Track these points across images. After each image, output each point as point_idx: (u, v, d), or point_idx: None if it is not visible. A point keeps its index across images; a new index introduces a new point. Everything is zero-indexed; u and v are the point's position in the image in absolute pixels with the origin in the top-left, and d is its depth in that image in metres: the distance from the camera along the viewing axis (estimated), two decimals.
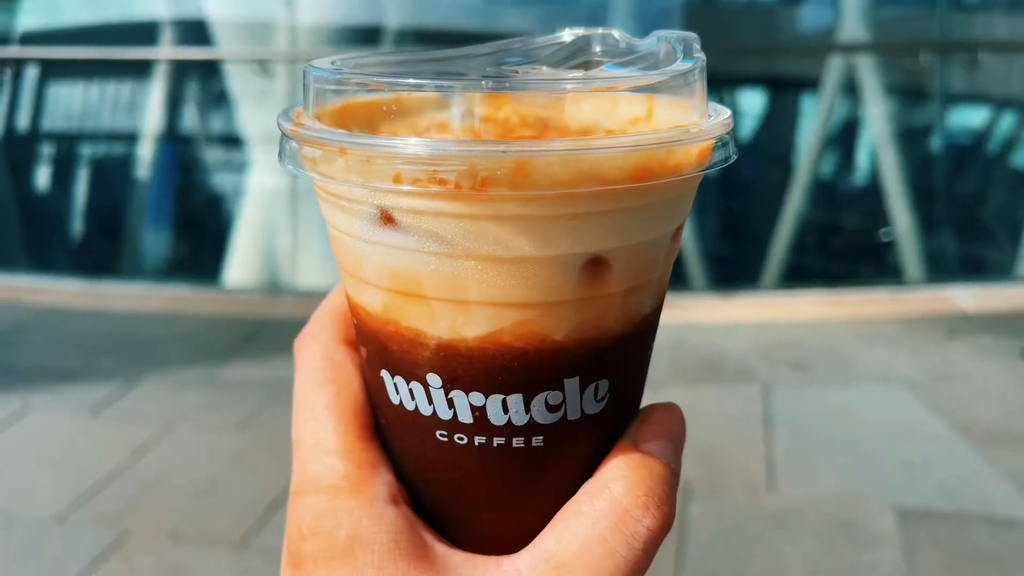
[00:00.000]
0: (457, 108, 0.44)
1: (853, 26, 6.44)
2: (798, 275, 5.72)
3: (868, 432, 3.45)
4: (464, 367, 0.42)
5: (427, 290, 0.41)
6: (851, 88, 6.68)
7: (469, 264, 0.40)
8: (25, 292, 5.02)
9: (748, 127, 7.71)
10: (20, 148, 6.90)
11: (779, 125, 7.79)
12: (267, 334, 4.51)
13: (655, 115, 0.50)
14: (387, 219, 0.40)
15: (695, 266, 5.39)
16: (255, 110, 5.88)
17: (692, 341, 4.25)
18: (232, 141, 6.49)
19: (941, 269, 5.50)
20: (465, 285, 0.40)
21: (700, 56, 0.45)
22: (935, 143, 6.67)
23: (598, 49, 0.52)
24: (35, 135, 6.93)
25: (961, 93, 6.57)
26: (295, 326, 0.56)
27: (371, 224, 0.41)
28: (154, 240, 6.22)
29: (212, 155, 6.59)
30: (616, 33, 0.52)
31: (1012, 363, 3.98)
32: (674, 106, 0.47)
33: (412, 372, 0.44)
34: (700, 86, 0.45)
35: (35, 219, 6.51)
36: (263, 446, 3.45)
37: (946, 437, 3.39)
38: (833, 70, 6.55)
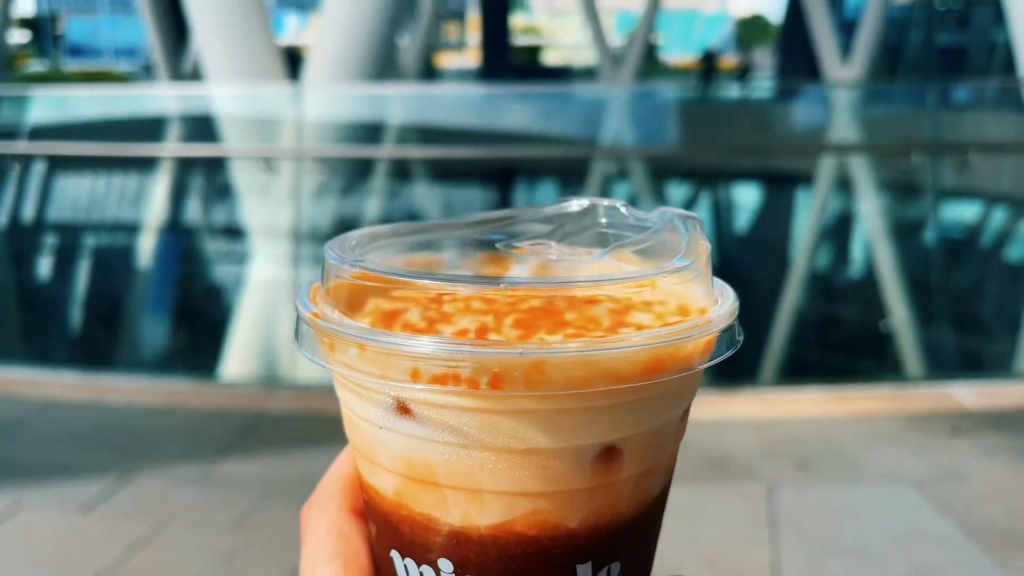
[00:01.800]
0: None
1: (844, 124, 6.63)
2: (798, 370, 5.70)
3: (875, 534, 3.38)
4: (476, 554, 0.42)
5: (441, 479, 0.42)
6: (844, 183, 6.82)
7: (484, 455, 0.40)
8: (21, 385, 5.00)
9: (744, 221, 7.83)
10: (21, 239, 6.98)
11: (775, 219, 7.91)
12: (264, 428, 4.46)
13: (659, 286, 0.50)
14: (403, 410, 0.41)
15: None
16: (258, 203, 5.97)
17: (694, 438, 4.20)
18: (233, 233, 6.57)
19: (941, 364, 5.50)
20: (479, 475, 0.41)
21: (704, 243, 0.47)
22: (929, 237, 6.77)
23: (604, 220, 0.54)
24: (37, 226, 7.02)
25: (953, 189, 6.71)
26: (293, 420, 0.56)
27: (387, 412, 0.42)
28: (153, 332, 6.23)
29: (213, 247, 6.66)
30: (622, 207, 0.54)
31: (1017, 462, 3.94)
32: (680, 281, 0.48)
33: (423, 556, 0.44)
34: (706, 272, 0.46)
35: (34, 310, 6.53)
36: (257, 546, 3.37)
37: (954, 539, 3.32)
38: (826, 166, 6.71)
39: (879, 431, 4.33)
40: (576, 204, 0.56)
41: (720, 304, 0.46)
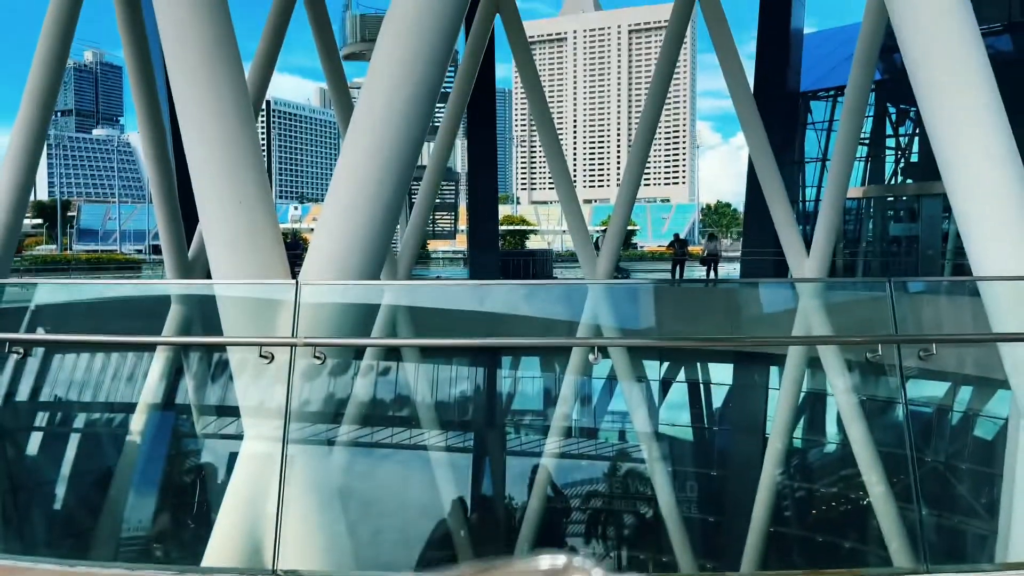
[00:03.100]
0: None
1: (809, 308, 7.01)
2: (780, 551, 5.71)
3: None
4: None
5: None
6: (814, 362, 7.11)
7: None
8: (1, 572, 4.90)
9: (719, 398, 8.04)
10: (7, 421, 7.01)
11: (750, 397, 8.14)
12: None
13: None
14: None
15: (680, 545, 5.40)
16: (249, 385, 6.12)
17: None
18: (224, 413, 6.66)
19: (921, 549, 5.53)
20: None
21: None
22: (900, 415, 6.98)
23: None
24: (26, 408, 7.07)
25: (920, 371, 7.00)
26: None
27: None
28: (138, 516, 6.16)
29: (202, 428, 6.73)
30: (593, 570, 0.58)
31: None
32: None
33: None
34: None
35: (16, 494, 6.46)
36: None
37: None
38: (795, 348, 7.01)
39: None
40: (548, 562, 0.60)
41: None
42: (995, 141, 5.05)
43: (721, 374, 8.46)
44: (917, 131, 23.12)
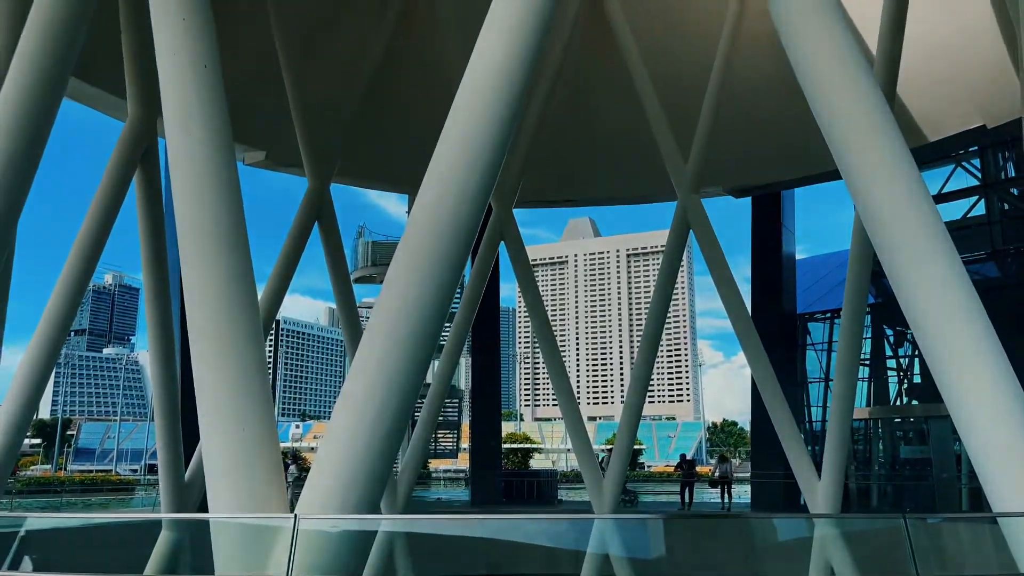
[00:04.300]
0: None
1: (825, 538, 6.75)
2: None
3: None
4: None
5: None
6: None
7: None
8: None
9: None
10: None
11: None
12: None
13: None
14: None
15: None
16: None
17: None
18: None
19: None
20: None
21: None
22: None
23: None
24: None
25: None
26: None
27: None
28: None
29: None
30: None
31: None
32: None
33: None
34: None
35: None
36: None
37: None
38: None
39: None
40: None
41: None
42: (993, 370, 5.09)
43: None
44: (916, 352, 23.41)
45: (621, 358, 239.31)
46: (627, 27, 17.69)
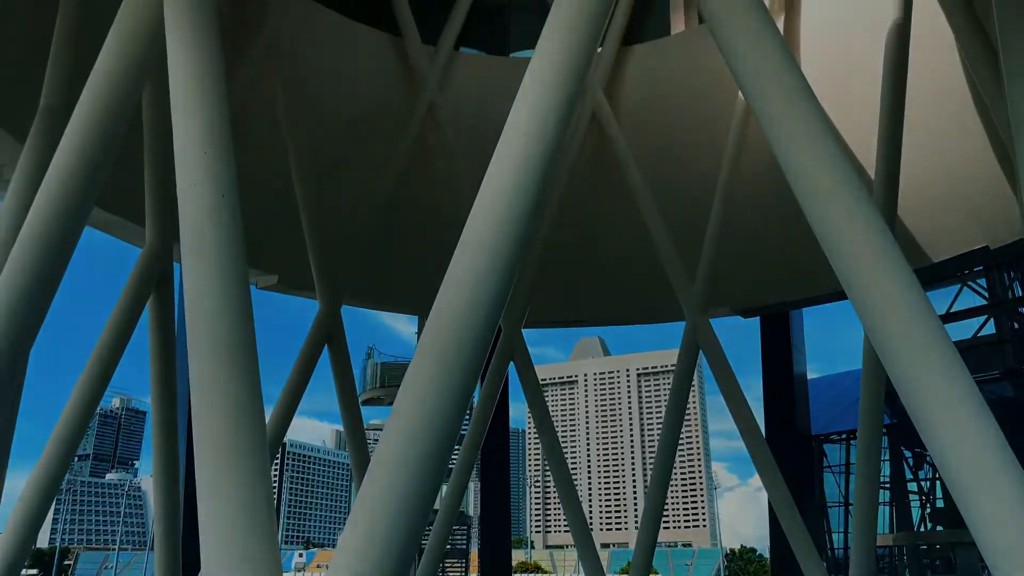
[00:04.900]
0: None
1: None
2: None
3: None
4: None
5: None
6: None
7: None
8: None
9: None
10: None
11: None
12: None
13: None
14: None
15: None
16: None
17: None
18: None
19: None
20: None
21: None
22: None
23: None
24: None
25: None
26: None
27: None
28: None
29: None
30: None
31: None
32: None
33: None
34: None
35: None
36: None
37: None
38: None
39: None
40: None
41: None
42: (1019, 495, 4.94)
43: None
44: (937, 475, 22.82)
45: (634, 481, 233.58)
46: (630, 153, 18.28)
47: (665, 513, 19.69)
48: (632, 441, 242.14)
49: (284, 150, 16.57)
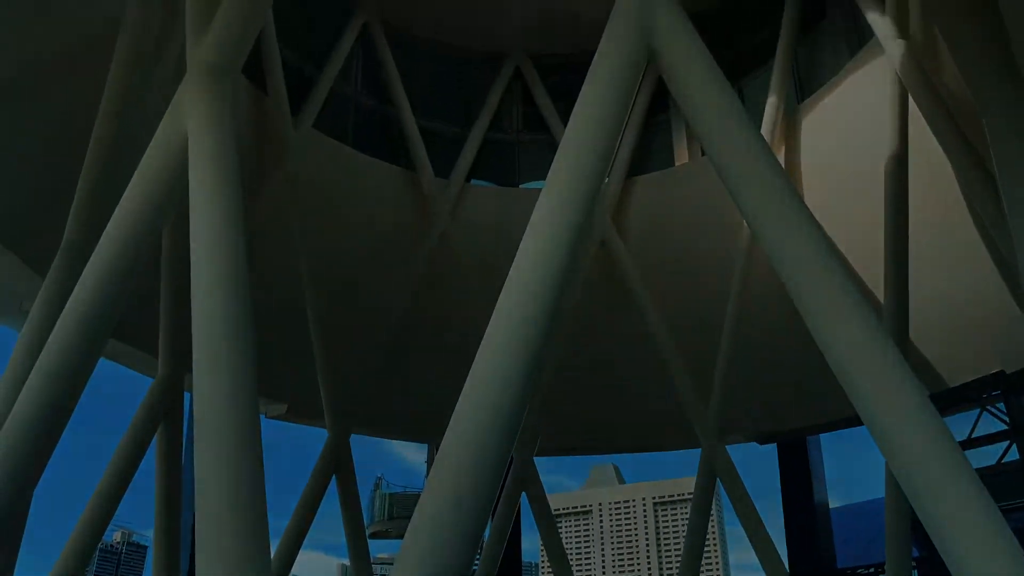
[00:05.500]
0: None
1: None
2: None
3: None
4: None
5: None
6: None
7: None
8: None
9: None
10: None
11: None
12: None
13: None
14: None
15: None
16: None
17: None
18: None
19: None
20: None
21: None
22: None
23: None
24: None
25: None
26: None
27: None
28: None
29: None
30: None
31: None
32: None
33: None
34: None
35: None
36: None
37: None
38: None
39: None
40: None
41: None
42: None
43: None
44: None
45: None
46: (640, 280, 18.47)
47: None
48: (650, 574, 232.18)
49: (297, 278, 16.86)
